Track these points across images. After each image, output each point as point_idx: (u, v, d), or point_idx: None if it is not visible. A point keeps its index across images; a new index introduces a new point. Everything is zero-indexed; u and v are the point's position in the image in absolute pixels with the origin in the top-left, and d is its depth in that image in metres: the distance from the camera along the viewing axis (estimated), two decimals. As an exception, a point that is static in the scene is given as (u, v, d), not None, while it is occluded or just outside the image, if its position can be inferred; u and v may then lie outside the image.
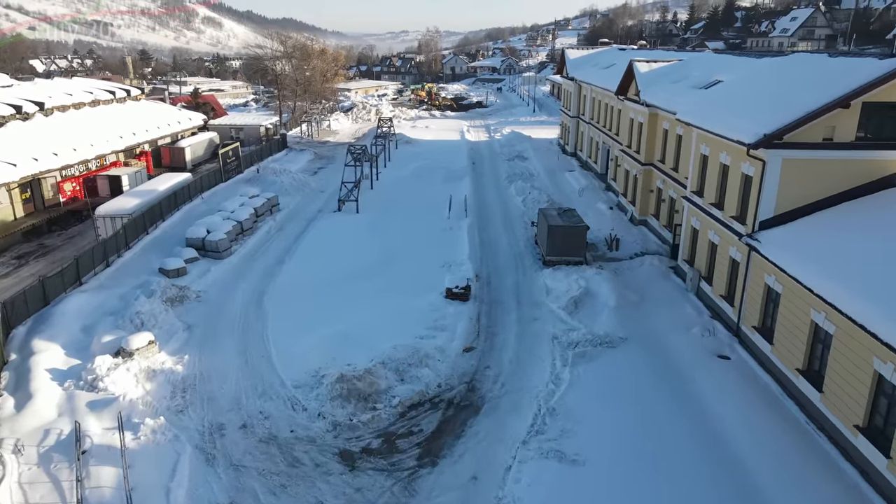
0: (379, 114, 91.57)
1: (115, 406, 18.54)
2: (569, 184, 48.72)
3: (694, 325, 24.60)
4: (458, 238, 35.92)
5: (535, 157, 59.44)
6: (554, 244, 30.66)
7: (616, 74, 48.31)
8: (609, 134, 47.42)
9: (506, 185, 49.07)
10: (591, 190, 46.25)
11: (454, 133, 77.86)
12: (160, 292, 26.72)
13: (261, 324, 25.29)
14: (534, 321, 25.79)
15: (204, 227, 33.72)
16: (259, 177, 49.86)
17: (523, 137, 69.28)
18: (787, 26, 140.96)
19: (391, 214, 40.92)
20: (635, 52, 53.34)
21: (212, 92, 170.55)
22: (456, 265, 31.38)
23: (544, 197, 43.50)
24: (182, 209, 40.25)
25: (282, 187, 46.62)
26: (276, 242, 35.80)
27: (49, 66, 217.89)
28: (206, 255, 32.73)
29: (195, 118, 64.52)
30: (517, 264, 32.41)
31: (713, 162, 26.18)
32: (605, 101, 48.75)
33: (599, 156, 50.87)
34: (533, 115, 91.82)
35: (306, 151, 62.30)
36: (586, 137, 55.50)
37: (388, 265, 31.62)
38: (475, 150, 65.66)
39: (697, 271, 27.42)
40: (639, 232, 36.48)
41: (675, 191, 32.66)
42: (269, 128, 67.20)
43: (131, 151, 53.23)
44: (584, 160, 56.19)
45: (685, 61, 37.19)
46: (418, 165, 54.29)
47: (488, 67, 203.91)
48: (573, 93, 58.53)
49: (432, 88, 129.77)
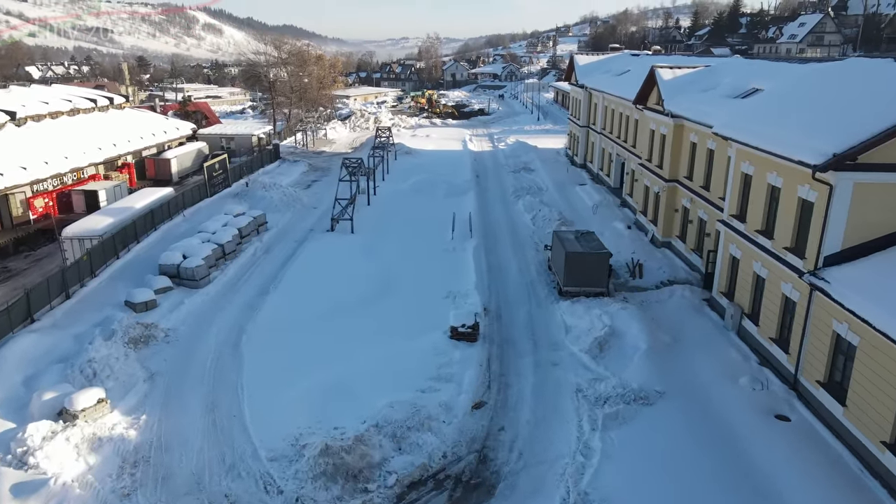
0: (378, 122, 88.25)
1: (44, 492, 15.00)
2: (581, 199, 45.24)
3: (741, 373, 21.08)
4: (463, 262, 32.43)
5: (542, 168, 56.01)
6: (572, 273, 27.16)
7: (632, 82, 44.95)
8: (624, 146, 44.00)
9: (513, 201, 45.60)
10: (606, 206, 42.76)
11: (456, 143, 74.48)
12: (121, 332, 23.20)
13: (236, 372, 21.75)
14: (553, 367, 22.26)
15: (180, 252, 30.21)
16: (248, 191, 46.40)
17: (529, 147, 65.90)
18: (796, 32, 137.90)
19: (389, 234, 37.44)
20: (650, 59, 49.99)
21: (208, 99, 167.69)
22: (461, 296, 27.89)
23: (555, 214, 40.01)
24: (160, 228, 36.76)
25: (271, 203, 43.13)
26: (261, 268, 32.28)
27: (45, 72, 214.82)
28: (182, 283, 29.23)
29: (183, 127, 61.14)
30: (530, 294, 28.90)
31: (759, 183, 22.71)
32: (620, 111, 45.36)
33: (613, 169, 47.43)
34: (537, 124, 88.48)
35: (300, 163, 58.88)
36: (597, 148, 52.10)
37: (384, 296, 28.11)
38: (479, 162, 62.23)
39: (739, 307, 23.90)
40: (663, 256, 32.98)
41: (706, 212, 29.20)
42: (262, 137, 63.83)
43: (112, 164, 49.83)
44: (595, 173, 52.76)
45: (713, 68, 33.81)
46: (419, 179, 50.82)
47: (489, 74, 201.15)
48: (583, 101, 55.18)
49: (433, 95, 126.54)
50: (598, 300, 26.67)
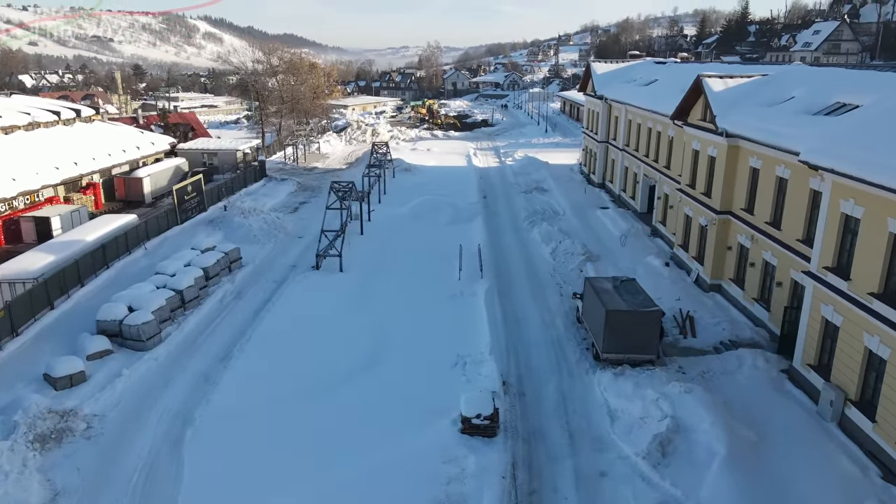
0: (375, 134, 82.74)
1: None
2: (604, 227, 39.57)
3: (862, 495, 15.36)
4: (474, 312, 26.73)
5: (556, 188, 50.39)
6: (614, 336, 21.46)
7: (662, 93, 39.42)
8: (655, 166, 38.39)
9: (527, 229, 39.90)
10: (635, 236, 37.08)
11: (459, 157, 68.87)
12: (25, 427, 17.47)
13: (171, 489, 16.00)
14: (601, 479, 16.53)
15: (124, 304, 24.49)
16: (225, 217, 40.65)
17: (539, 163, 60.29)
18: (810, 40, 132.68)
19: (384, 273, 31.76)
20: (680, 67, 44.52)
21: (203, 108, 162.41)
22: (473, 363, 22.20)
23: (578, 247, 34.34)
24: (115, 266, 31.10)
25: (249, 232, 37.40)
26: (228, 320, 26.54)
27: (39, 80, 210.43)
28: (126, 344, 23.53)
29: (160, 142, 55.54)
30: (558, 358, 23.18)
31: (873, 230, 17.07)
32: (649, 126, 39.78)
33: (639, 191, 41.80)
34: (546, 136, 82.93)
35: (288, 181, 53.23)
36: (619, 167, 46.51)
37: (377, 363, 22.39)
38: (485, 180, 56.59)
39: (840, 391, 18.20)
40: (714, 304, 27.27)
41: (776, 255, 23.55)
42: (248, 153, 58.22)
43: (75, 184, 44.25)
44: (616, 194, 47.14)
45: (773, 77, 28.21)
46: (419, 201, 45.12)
47: (491, 83, 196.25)
48: (601, 113, 49.64)
49: (433, 105, 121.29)
50: (647, 372, 20.95)
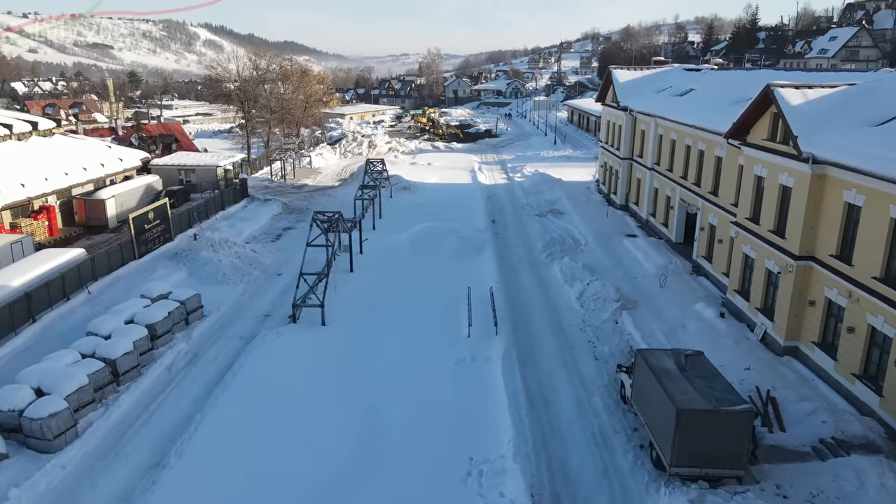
0: (372, 147, 77.03)
1: None
2: (635, 260, 33.75)
3: None
4: (489, 388, 20.85)
5: (574, 211, 44.62)
6: (688, 444, 15.56)
7: (704, 104, 33.75)
8: (696, 191, 32.63)
9: (545, 263, 34.05)
10: (674, 273, 31.25)
11: (463, 173, 63.04)
12: None
13: None
14: None
15: (30, 385, 18.60)
16: (192, 249, 34.62)
17: (552, 181, 54.51)
18: (826, 46, 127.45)
19: (375, 327, 25.84)
20: (719, 75, 38.78)
21: (198, 116, 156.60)
22: (492, 473, 16.39)
23: (610, 290, 28.48)
24: (44, 319, 25.28)
25: (218, 270, 31.53)
26: (172, 402, 20.55)
27: (32, 88, 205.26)
28: (28, 443, 17.64)
29: (130, 157, 49.76)
30: (605, 464, 17.28)
31: None
32: (688, 143, 34.03)
33: (674, 218, 36.01)
34: (555, 149, 77.16)
35: (272, 202, 47.39)
36: (647, 188, 40.74)
37: (358, 476, 16.48)
38: (493, 199, 50.79)
39: None
40: (795, 375, 21.39)
41: (890, 322, 17.73)
42: (229, 169, 52.41)
43: (24, 208, 38.51)
44: (643, 219, 41.35)
45: (866, 88, 22.40)
46: (419, 229, 39.22)
47: (493, 91, 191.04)
48: (625, 126, 43.91)
49: (434, 114, 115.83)
50: (737, 497, 15.06)
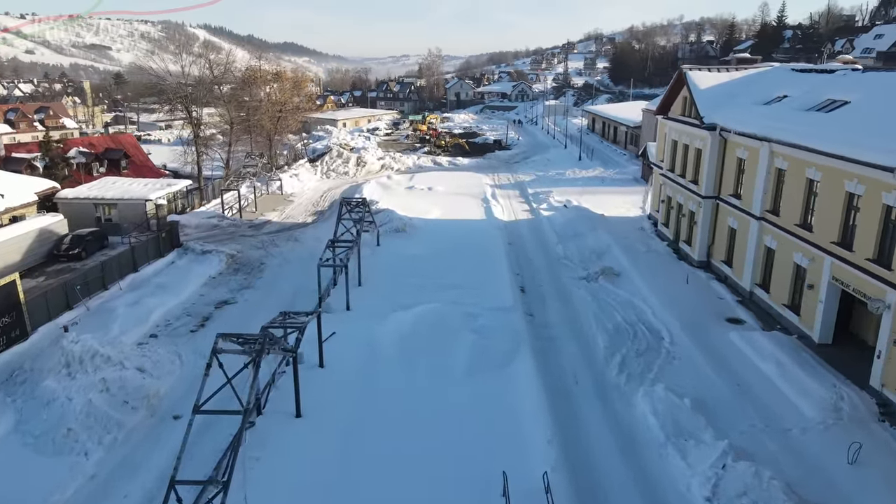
0: (361, 164, 63.81)
1: None
2: (768, 383, 20.46)
3: None
4: None
5: (633, 269, 31.49)
6: None
7: (876, 129, 20.63)
8: (867, 268, 19.39)
9: (619, 387, 20.75)
10: (858, 424, 18.09)
11: (473, 201, 49.58)
12: None
13: None
14: None
15: None
16: (35, 370, 20.86)
17: (593, 217, 41.38)
18: (872, 45, 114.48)
19: None
20: (861, 77, 25.58)
21: (180, 122, 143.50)
22: None
23: (776, 490, 15.24)
24: None
25: (62, 420, 18.07)
26: None
27: (11, 90, 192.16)
28: None
29: (24, 190, 36.69)
30: None
31: None
32: (852, 189, 20.82)
33: (816, 302, 22.85)
34: (581, 167, 63.79)
35: (212, 255, 33.95)
36: (752, 245, 27.61)
37: None
38: (517, 247, 37.55)
39: None
40: None
41: None
42: (164, 203, 39.15)
43: None
44: (744, 290, 28.22)
45: None
46: (415, 314, 25.48)
47: (497, 93, 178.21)
48: (709, 152, 30.81)
49: (435, 120, 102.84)
50: None
